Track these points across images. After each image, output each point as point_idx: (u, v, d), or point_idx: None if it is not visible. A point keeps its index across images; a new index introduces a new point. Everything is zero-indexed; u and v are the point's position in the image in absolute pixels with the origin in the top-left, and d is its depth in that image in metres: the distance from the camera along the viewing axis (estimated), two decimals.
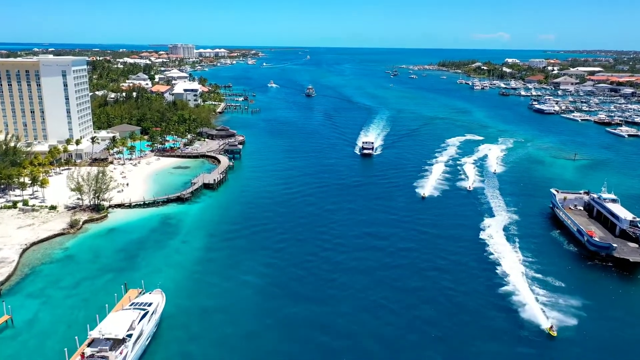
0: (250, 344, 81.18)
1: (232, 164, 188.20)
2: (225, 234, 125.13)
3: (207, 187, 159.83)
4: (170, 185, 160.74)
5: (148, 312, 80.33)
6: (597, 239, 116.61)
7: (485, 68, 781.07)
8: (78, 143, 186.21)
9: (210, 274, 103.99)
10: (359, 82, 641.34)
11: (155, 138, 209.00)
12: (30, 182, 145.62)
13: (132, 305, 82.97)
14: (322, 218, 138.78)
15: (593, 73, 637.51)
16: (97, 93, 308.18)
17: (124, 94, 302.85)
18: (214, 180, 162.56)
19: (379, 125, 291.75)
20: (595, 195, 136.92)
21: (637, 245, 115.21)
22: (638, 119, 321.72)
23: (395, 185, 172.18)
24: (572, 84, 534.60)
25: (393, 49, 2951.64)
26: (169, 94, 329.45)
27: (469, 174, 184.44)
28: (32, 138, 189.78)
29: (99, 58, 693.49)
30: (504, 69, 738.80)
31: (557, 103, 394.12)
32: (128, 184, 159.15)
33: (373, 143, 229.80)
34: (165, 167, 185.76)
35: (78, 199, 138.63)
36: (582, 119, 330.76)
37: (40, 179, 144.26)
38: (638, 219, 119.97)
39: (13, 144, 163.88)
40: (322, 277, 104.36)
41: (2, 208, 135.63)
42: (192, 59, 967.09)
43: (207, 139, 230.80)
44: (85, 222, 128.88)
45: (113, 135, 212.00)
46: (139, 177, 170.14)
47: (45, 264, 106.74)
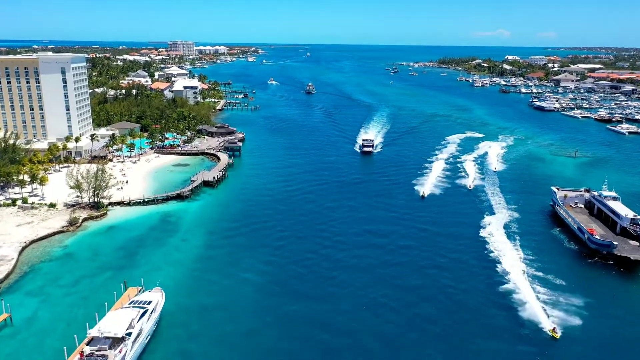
0: (250, 342, 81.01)
1: (231, 162, 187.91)
2: (225, 232, 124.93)
3: (206, 184, 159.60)
4: (170, 183, 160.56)
5: (147, 310, 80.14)
6: (597, 237, 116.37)
7: (486, 65, 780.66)
8: (77, 140, 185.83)
9: (210, 272, 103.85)
10: (359, 79, 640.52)
11: (155, 135, 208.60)
12: (30, 179, 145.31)
13: (131, 304, 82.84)
14: (322, 215, 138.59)
15: (593, 70, 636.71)
16: (96, 90, 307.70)
17: (124, 91, 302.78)
18: (214, 178, 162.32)
19: (379, 123, 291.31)
20: (596, 193, 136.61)
21: (637, 243, 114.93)
22: (638, 116, 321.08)
23: (396, 183, 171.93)
24: (572, 81, 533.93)
25: (393, 46, 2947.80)
26: (169, 91, 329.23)
27: (469, 172, 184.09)
28: (31, 135, 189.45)
29: (99, 55, 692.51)
30: (504, 66, 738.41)
31: (557, 100, 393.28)
32: (127, 182, 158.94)
33: (373, 140, 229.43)
34: (165, 164, 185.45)
35: (77, 197, 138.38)
36: (582, 116, 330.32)
37: (40, 177, 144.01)
38: (639, 217, 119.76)
39: (12, 142, 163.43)
40: (322, 274, 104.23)
41: (1, 206, 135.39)
42: (191, 56, 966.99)
43: (206, 137, 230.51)
44: (85, 219, 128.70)
45: (112, 133, 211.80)
46: (139, 174, 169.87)
47: (45, 262, 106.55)
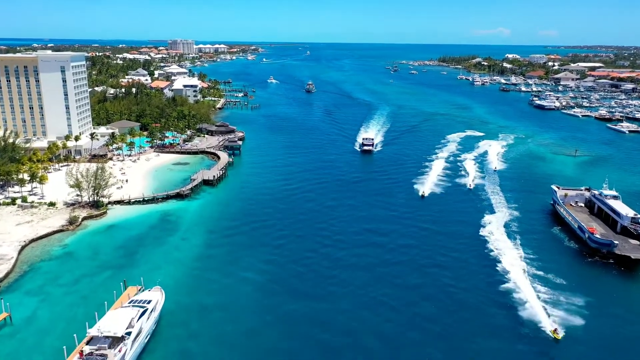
0: (250, 341, 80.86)
1: (231, 160, 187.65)
2: (225, 231, 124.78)
3: (206, 183, 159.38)
4: (170, 182, 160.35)
5: (147, 309, 79.99)
6: (598, 236, 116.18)
7: (486, 64, 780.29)
8: (77, 139, 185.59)
9: (210, 271, 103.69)
10: (359, 77, 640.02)
11: (155, 134, 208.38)
12: (29, 178, 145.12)
13: (131, 303, 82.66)
14: (322, 214, 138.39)
15: (594, 69, 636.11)
16: (96, 89, 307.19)
17: (123, 90, 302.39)
18: (214, 177, 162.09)
19: (379, 121, 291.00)
20: (597, 192, 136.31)
21: (638, 242, 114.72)
22: (639, 115, 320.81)
23: (396, 182, 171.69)
24: (572, 80, 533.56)
25: (393, 45, 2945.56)
26: (169, 90, 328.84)
27: (470, 171, 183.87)
28: (31, 134, 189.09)
29: (99, 54, 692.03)
30: (505, 65, 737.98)
31: (557, 99, 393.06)
32: (127, 181, 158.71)
33: (373, 139, 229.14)
34: (165, 163, 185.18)
35: (77, 196, 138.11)
36: (582, 115, 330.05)
37: (39, 176, 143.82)
38: (639, 216, 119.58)
39: (12, 140, 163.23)
40: (322, 273, 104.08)
41: (1, 205, 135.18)
42: (191, 55, 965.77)
43: (206, 135, 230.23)
44: (84, 218, 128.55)
45: (112, 132, 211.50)
46: (138, 173, 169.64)
47: (44, 261, 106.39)
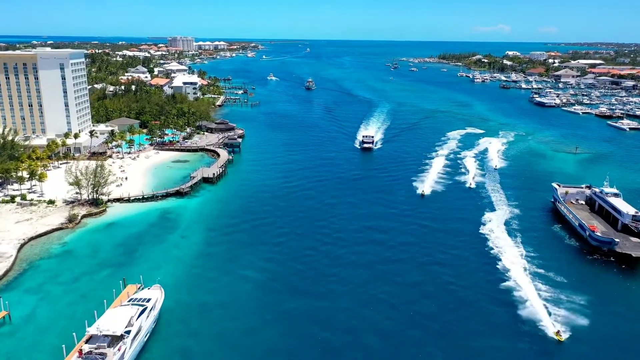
0: (250, 340, 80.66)
1: (231, 158, 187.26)
2: (225, 229, 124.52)
3: (206, 181, 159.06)
4: (169, 179, 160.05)
5: (147, 308, 79.74)
6: (599, 234, 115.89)
7: (486, 61, 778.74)
8: (76, 137, 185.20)
9: (210, 269, 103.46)
10: (359, 74, 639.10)
11: (154, 132, 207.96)
12: (29, 176, 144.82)
13: (130, 301, 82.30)
14: (321, 212, 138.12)
15: (594, 66, 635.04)
16: (95, 86, 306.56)
17: (123, 87, 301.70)
18: (213, 174, 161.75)
19: (379, 119, 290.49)
20: (597, 190, 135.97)
21: (639, 240, 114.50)
22: (639, 112, 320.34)
23: (396, 179, 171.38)
24: (573, 77, 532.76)
25: (393, 42, 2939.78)
26: (168, 87, 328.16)
27: (470, 168, 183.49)
28: (30, 132, 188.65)
29: (98, 51, 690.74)
30: (505, 62, 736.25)
31: (558, 96, 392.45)
32: (127, 178, 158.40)
33: (373, 137, 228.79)
34: (164, 161, 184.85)
35: (76, 193, 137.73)
36: (583, 112, 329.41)
37: (39, 173, 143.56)
38: None
39: (11, 138, 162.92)
40: (322, 271, 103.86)
41: (0, 202, 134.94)
42: (191, 52, 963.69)
43: (206, 133, 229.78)
44: (84, 216, 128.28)
45: (112, 129, 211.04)
46: (138, 171, 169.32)
47: (44, 259, 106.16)
